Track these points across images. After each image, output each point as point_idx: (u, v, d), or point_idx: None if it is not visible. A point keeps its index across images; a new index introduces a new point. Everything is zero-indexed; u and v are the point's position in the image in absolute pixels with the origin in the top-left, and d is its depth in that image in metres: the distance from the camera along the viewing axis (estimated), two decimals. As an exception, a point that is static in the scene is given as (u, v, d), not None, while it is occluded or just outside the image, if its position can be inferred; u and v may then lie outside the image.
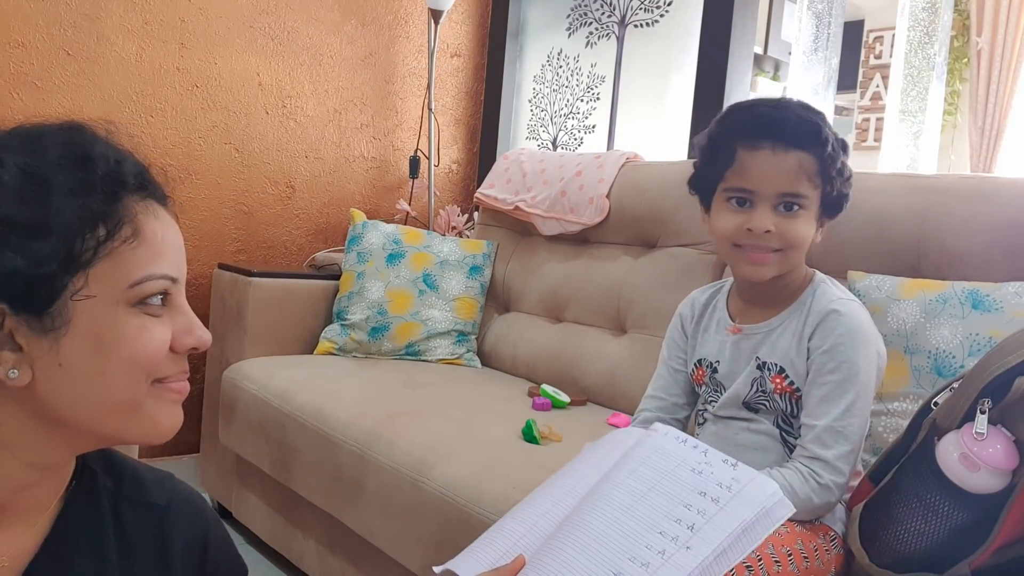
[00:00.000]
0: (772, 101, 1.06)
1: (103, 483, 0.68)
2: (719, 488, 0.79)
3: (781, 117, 1.02)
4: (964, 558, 0.82)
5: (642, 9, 2.45)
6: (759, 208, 1.02)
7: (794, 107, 1.04)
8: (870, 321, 1.05)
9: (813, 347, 1.03)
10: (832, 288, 1.08)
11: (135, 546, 0.68)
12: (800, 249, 1.04)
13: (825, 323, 1.02)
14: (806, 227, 1.03)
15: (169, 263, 0.61)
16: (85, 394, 0.58)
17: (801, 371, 1.04)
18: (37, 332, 0.56)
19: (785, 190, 1.01)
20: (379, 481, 1.42)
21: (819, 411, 0.99)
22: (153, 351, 0.60)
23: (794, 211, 1.02)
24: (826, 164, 1.02)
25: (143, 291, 0.59)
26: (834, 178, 1.03)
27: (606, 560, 0.75)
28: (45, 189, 0.56)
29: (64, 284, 0.56)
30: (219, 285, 2.11)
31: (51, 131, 0.60)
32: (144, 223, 0.60)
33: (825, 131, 1.02)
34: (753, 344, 1.10)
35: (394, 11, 2.67)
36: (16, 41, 2.01)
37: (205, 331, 0.64)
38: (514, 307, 2.22)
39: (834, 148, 1.03)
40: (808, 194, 1.02)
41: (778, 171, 1.01)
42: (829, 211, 1.07)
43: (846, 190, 1.07)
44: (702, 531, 0.76)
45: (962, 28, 3.79)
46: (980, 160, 3.59)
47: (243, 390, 1.83)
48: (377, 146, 2.69)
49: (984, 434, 0.78)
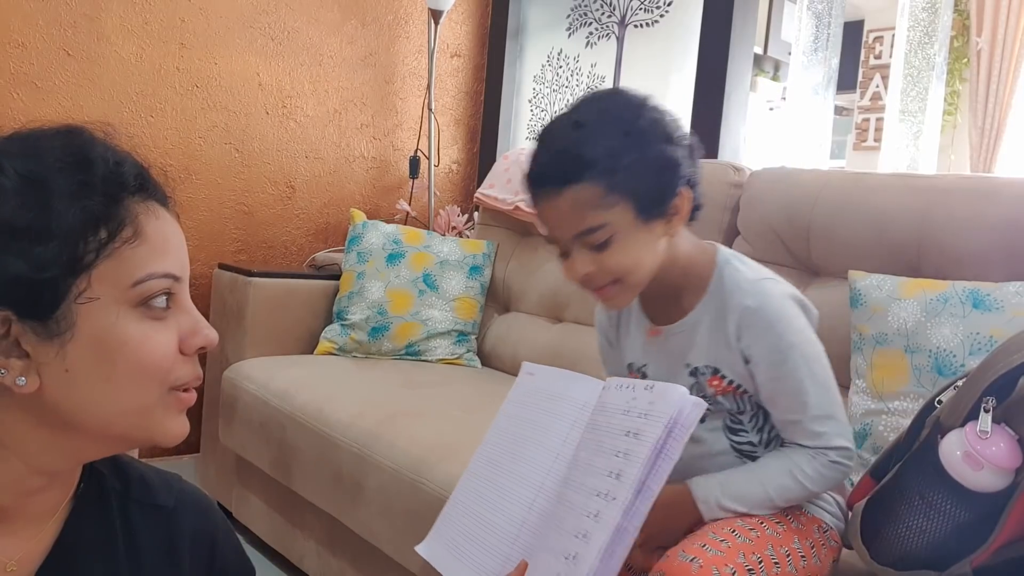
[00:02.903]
0: (544, 135, 0.97)
1: (111, 486, 0.68)
2: (639, 419, 0.77)
3: (543, 161, 0.94)
4: (966, 556, 0.82)
5: (642, 9, 2.45)
6: (572, 253, 0.95)
7: (558, 138, 0.95)
8: (781, 291, 0.98)
9: (746, 352, 0.98)
10: (737, 270, 1.00)
11: (144, 548, 0.68)
12: (639, 269, 0.95)
13: (745, 325, 0.96)
14: (627, 249, 0.93)
15: (171, 262, 0.61)
16: (94, 400, 0.58)
17: (739, 369, 0.99)
18: (43, 338, 0.56)
19: (575, 231, 0.93)
20: (379, 481, 1.42)
21: (793, 406, 0.96)
22: (160, 357, 0.59)
23: (603, 244, 0.92)
24: (604, 177, 0.90)
25: (146, 290, 0.58)
26: (632, 180, 0.91)
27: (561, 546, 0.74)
28: (45, 193, 0.56)
29: (68, 288, 0.55)
30: (219, 285, 2.11)
31: (49, 135, 0.59)
32: (145, 223, 0.59)
33: (589, 150, 0.90)
34: (678, 346, 1.04)
35: (394, 11, 2.67)
36: (16, 41, 2.01)
37: (211, 329, 0.64)
38: (514, 307, 2.22)
39: (617, 153, 0.91)
40: (607, 220, 0.91)
41: (557, 217, 0.93)
42: (654, 207, 0.94)
43: (667, 182, 0.94)
44: (624, 474, 0.73)
45: (962, 28, 3.80)
46: (980, 160, 3.59)
47: (243, 390, 1.82)
48: (377, 146, 2.69)
49: (988, 432, 0.78)
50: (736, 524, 0.93)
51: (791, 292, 1.00)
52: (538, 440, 0.90)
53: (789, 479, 0.95)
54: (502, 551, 0.83)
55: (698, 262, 1.01)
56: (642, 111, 0.95)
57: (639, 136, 0.93)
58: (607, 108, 0.95)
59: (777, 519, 0.97)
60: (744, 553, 0.89)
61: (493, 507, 0.88)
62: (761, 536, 0.93)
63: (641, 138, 0.93)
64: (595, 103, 0.97)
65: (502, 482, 0.90)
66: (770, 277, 1.00)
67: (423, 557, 0.90)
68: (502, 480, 0.90)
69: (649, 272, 0.97)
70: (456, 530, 0.90)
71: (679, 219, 0.97)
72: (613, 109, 0.95)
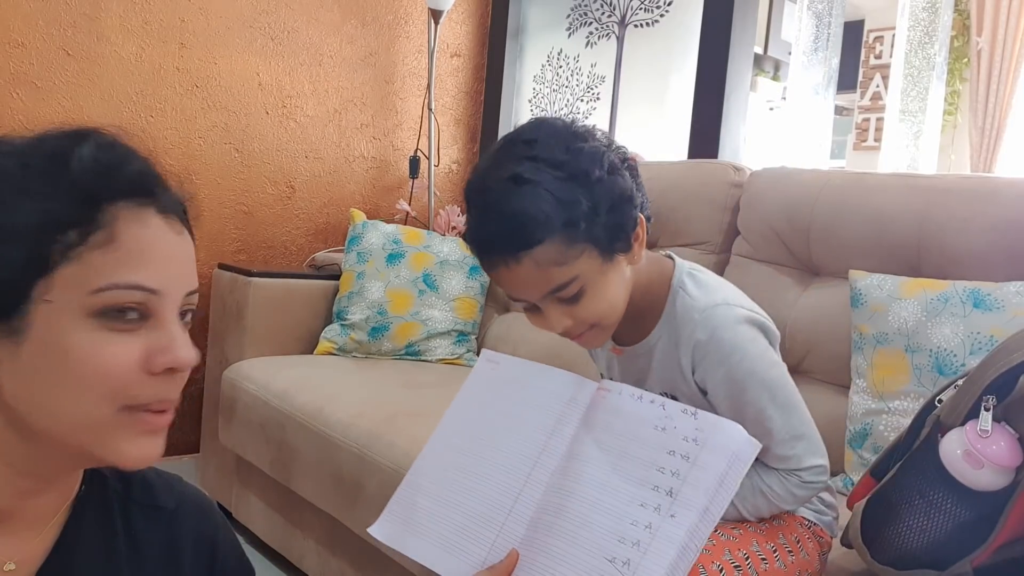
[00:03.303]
0: (480, 199, 0.90)
1: (113, 487, 0.68)
2: (686, 443, 0.78)
3: (491, 230, 0.87)
4: (966, 555, 0.82)
5: (642, 9, 2.45)
6: (544, 310, 0.90)
7: (500, 201, 0.86)
8: (734, 316, 0.94)
9: (703, 385, 0.96)
10: (688, 296, 0.96)
11: (145, 550, 0.67)
12: (615, 309, 0.93)
13: (699, 358, 0.94)
14: (601, 294, 0.90)
15: (149, 274, 0.56)
16: (44, 407, 0.55)
17: (693, 398, 0.97)
18: (2, 335, 0.55)
19: (544, 292, 0.87)
20: (379, 481, 1.42)
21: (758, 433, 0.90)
22: (107, 370, 0.55)
23: (575, 296, 0.88)
24: (563, 230, 0.84)
25: (105, 300, 0.55)
26: (591, 224, 0.85)
27: (597, 546, 0.74)
28: (10, 189, 0.55)
29: (28, 288, 0.54)
30: (219, 285, 2.11)
31: (49, 135, 0.58)
32: (123, 229, 0.56)
33: (541, 208, 0.83)
34: (637, 367, 1.03)
35: (394, 11, 2.67)
36: (16, 41, 2.01)
37: (186, 350, 0.58)
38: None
39: (570, 202, 0.84)
40: (574, 273, 0.86)
41: (522, 283, 0.88)
42: (615, 243, 0.89)
43: (622, 211, 0.89)
44: (681, 494, 0.75)
45: (962, 28, 3.80)
46: (980, 160, 3.59)
47: (243, 390, 1.82)
48: (377, 146, 2.69)
49: (988, 431, 0.78)
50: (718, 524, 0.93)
51: (746, 315, 0.95)
52: (517, 430, 0.89)
53: (761, 499, 0.94)
54: (486, 538, 0.83)
55: (655, 282, 0.98)
56: (576, 144, 0.87)
57: (584, 176, 0.85)
58: (539, 154, 0.86)
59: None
60: (730, 550, 0.89)
61: (469, 493, 0.87)
62: (744, 534, 0.93)
63: (587, 178, 0.85)
64: (522, 148, 0.87)
65: (477, 469, 0.88)
66: (720, 302, 0.95)
67: (376, 538, 0.90)
68: (476, 467, 0.88)
69: (623, 307, 0.94)
70: (419, 512, 0.89)
71: (639, 245, 0.93)
72: (546, 153, 0.86)
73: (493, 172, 0.88)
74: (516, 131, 0.92)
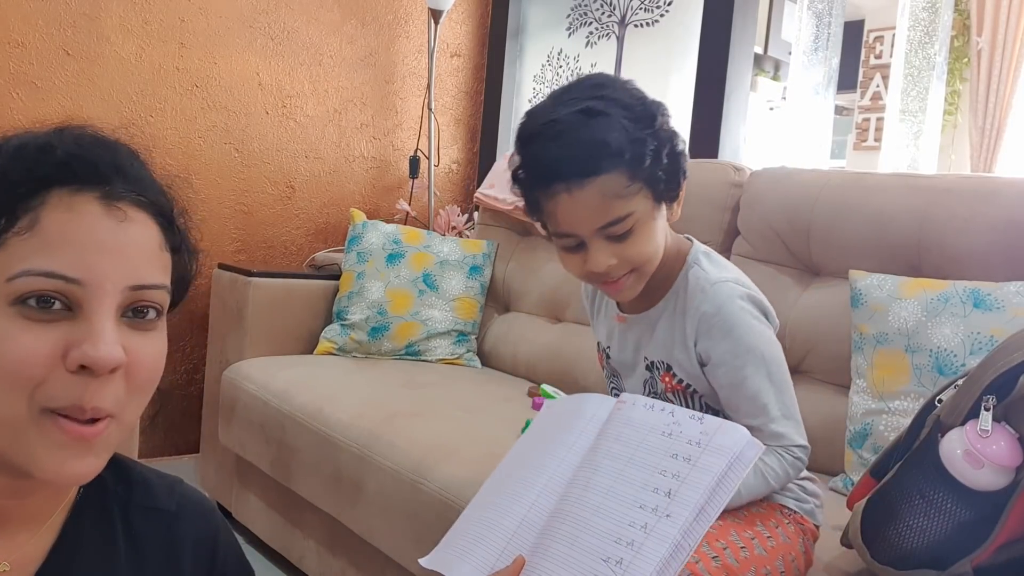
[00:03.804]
0: (550, 128, 0.90)
1: (113, 489, 0.67)
2: (689, 446, 0.79)
3: (560, 154, 0.89)
4: (966, 555, 0.82)
5: (642, 9, 2.45)
6: (590, 247, 0.92)
7: (572, 128, 0.89)
8: (740, 293, 0.98)
9: (704, 355, 0.98)
10: (702, 269, 1.00)
11: (145, 552, 0.67)
12: (656, 256, 0.96)
13: (703, 329, 0.96)
14: (648, 237, 0.93)
15: (70, 261, 0.53)
16: None
17: (689, 369, 1.00)
18: None
19: (600, 223, 0.90)
20: (379, 482, 1.42)
21: (753, 410, 0.96)
22: (18, 359, 0.51)
23: (625, 234, 0.91)
24: (630, 165, 0.89)
25: (19, 287, 0.52)
26: (654, 164, 0.91)
27: (595, 548, 0.74)
28: None
29: None
30: (219, 285, 2.11)
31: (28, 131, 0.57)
32: (46, 214, 0.53)
33: (615, 137, 0.88)
34: (637, 336, 1.05)
35: (394, 11, 2.67)
36: (16, 41, 2.01)
37: (100, 347, 0.52)
38: (514, 307, 2.22)
39: (639, 139, 0.89)
40: (631, 208, 0.90)
41: (582, 210, 0.90)
42: (668, 191, 0.94)
43: (677, 162, 0.94)
44: (679, 495, 0.75)
45: (962, 28, 3.80)
46: (980, 160, 3.59)
47: (243, 390, 1.82)
48: (377, 146, 2.69)
49: (988, 431, 0.78)
50: None
51: (751, 295, 0.99)
52: (544, 449, 0.91)
53: (756, 476, 0.95)
54: (496, 544, 0.84)
55: (672, 255, 1.01)
56: (639, 94, 0.93)
57: (650, 120, 0.91)
58: (608, 94, 0.91)
59: (733, 511, 0.97)
60: (708, 542, 0.89)
61: (495, 508, 0.88)
62: (723, 525, 0.93)
63: (652, 122, 0.91)
64: (591, 89, 0.92)
65: (506, 487, 0.90)
66: (730, 279, 0.99)
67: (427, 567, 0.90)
68: (507, 486, 0.90)
69: (660, 257, 0.97)
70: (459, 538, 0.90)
71: (678, 204, 0.98)
72: (616, 94, 0.91)
73: (562, 107, 0.91)
74: (577, 80, 0.96)
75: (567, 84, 0.96)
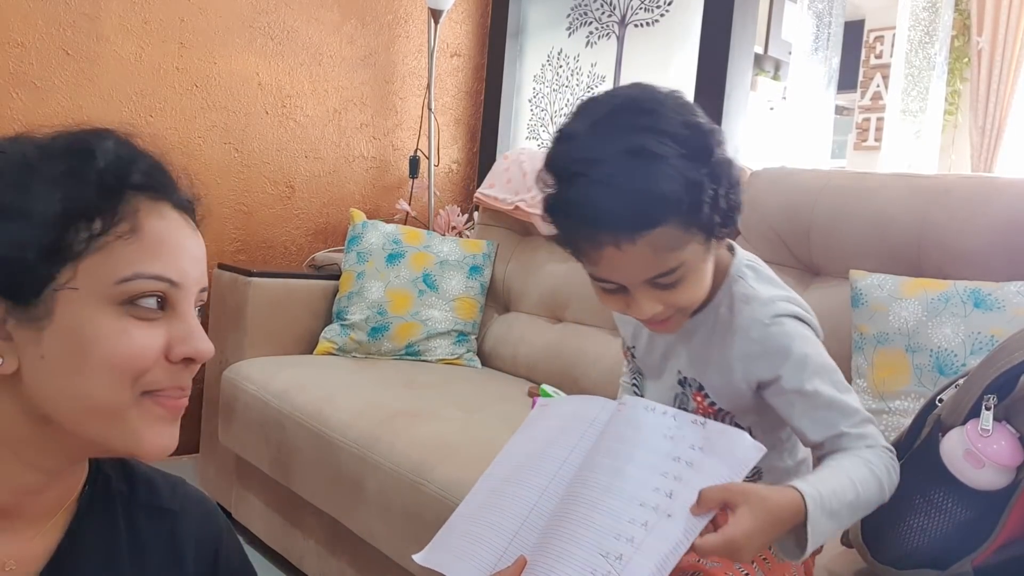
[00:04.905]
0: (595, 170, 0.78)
1: (117, 487, 0.68)
2: (691, 450, 0.78)
3: (609, 206, 0.77)
4: (966, 555, 0.82)
5: (642, 9, 2.45)
6: (635, 295, 0.84)
7: (621, 175, 0.77)
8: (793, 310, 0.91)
9: (762, 379, 0.91)
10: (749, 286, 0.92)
11: (148, 550, 0.67)
12: (703, 295, 0.89)
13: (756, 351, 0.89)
14: (697, 281, 0.86)
15: (169, 266, 0.59)
16: (64, 391, 0.57)
17: (721, 389, 0.94)
18: (23, 321, 0.56)
19: (648, 277, 0.82)
20: (379, 482, 1.42)
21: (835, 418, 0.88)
22: (134, 355, 0.57)
23: (673, 283, 0.83)
24: (686, 215, 0.79)
25: (130, 289, 0.57)
26: (713, 209, 0.81)
27: (594, 543, 0.74)
28: (30, 176, 0.56)
29: (51, 275, 0.55)
30: (219, 285, 2.11)
31: (71, 131, 0.60)
32: (144, 221, 0.58)
33: (671, 188, 0.77)
34: (667, 343, 0.99)
35: (394, 11, 2.67)
36: (16, 41, 2.01)
37: (204, 342, 0.60)
38: (514, 307, 2.22)
39: (697, 184, 0.78)
40: (684, 259, 0.82)
41: (630, 266, 0.81)
42: (724, 228, 0.85)
43: (735, 199, 0.85)
44: (680, 496, 0.75)
45: (962, 28, 3.79)
46: (980, 160, 3.59)
47: (243, 390, 1.82)
48: (377, 146, 2.69)
49: (989, 431, 0.78)
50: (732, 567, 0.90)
51: (801, 314, 0.92)
52: (543, 451, 0.90)
53: (871, 477, 0.83)
54: (498, 545, 0.83)
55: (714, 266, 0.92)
56: (692, 118, 0.82)
57: (706, 154, 0.80)
58: (661, 125, 0.79)
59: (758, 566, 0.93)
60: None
61: (495, 509, 0.88)
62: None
63: (709, 156, 0.80)
64: (641, 117, 0.80)
65: (506, 488, 0.90)
66: (780, 297, 0.92)
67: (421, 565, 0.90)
68: (507, 487, 0.90)
69: (706, 294, 0.89)
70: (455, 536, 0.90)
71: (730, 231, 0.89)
72: (669, 125, 0.79)
73: (606, 141, 0.79)
74: (626, 96, 0.83)
75: (606, 103, 0.83)
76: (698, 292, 0.87)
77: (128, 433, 0.59)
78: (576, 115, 0.84)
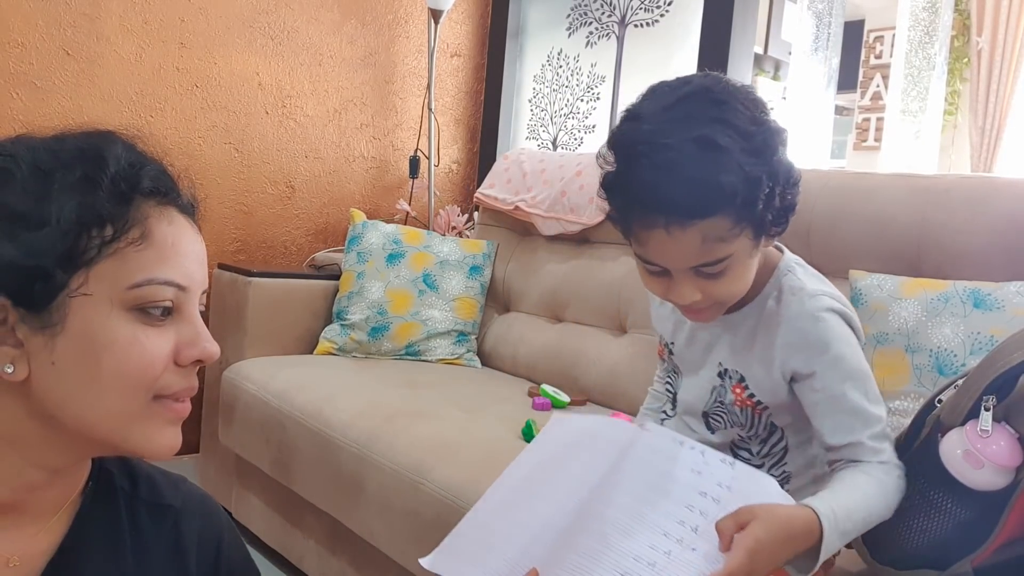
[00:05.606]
0: (659, 154, 0.80)
1: (120, 484, 0.68)
2: (719, 488, 0.78)
3: (667, 190, 0.79)
4: (966, 555, 0.82)
5: (642, 9, 2.45)
6: (677, 279, 0.86)
7: (685, 162, 0.78)
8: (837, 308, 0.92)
9: (797, 370, 0.92)
10: (797, 279, 0.93)
11: (151, 547, 0.68)
12: (743, 292, 0.89)
13: (798, 341, 0.90)
14: (740, 276, 0.87)
15: (178, 270, 0.59)
16: (76, 397, 0.57)
17: (762, 382, 0.94)
18: (35, 328, 0.56)
19: (693, 264, 0.84)
20: (379, 482, 1.42)
21: (853, 424, 0.90)
22: (147, 362, 0.58)
23: (717, 274, 0.85)
24: (739, 208, 0.81)
25: (143, 295, 0.57)
26: (766, 207, 0.83)
27: (613, 563, 0.74)
28: (47, 183, 0.56)
29: (64, 282, 0.55)
30: (219, 285, 2.11)
31: (77, 134, 0.60)
32: (155, 227, 0.59)
33: (729, 179, 0.78)
34: (711, 336, 0.99)
35: (394, 11, 2.67)
36: (16, 41, 2.01)
37: (212, 343, 0.62)
38: (514, 307, 2.22)
39: (757, 180, 0.80)
40: (731, 251, 0.83)
41: (678, 251, 0.83)
42: (775, 227, 0.88)
43: (790, 200, 0.87)
44: (706, 532, 0.75)
45: (962, 28, 3.79)
46: (980, 160, 3.59)
47: (243, 390, 1.82)
48: (377, 146, 2.69)
49: (988, 431, 0.78)
50: None
51: (846, 312, 0.93)
52: (560, 466, 0.89)
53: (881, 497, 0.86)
54: (510, 556, 0.83)
55: (760, 264, 0.93)
56: (760, 114, 0.83)
57: (769, 152, 0.82)
58: (730, 118, 0.80)
59: None
60: None
61: (508, 519, 0.87)
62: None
63: (771, 154, 0.82)
64: (712, 109, 0.81)
65: (520, 499, 0.89)
66: (828, 292, 0.93)
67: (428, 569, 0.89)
68: (520, 498, 0.89)
69: (746, 291, 0.90)
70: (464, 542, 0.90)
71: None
72: (737, 119, 0.80)
73: (677, 127, 0.80)
74: (699, 84, 0.84)
75: (678, 89, 0.84)
76: (739, 286, 0.88)
77: (137, 435, 0.60)
78: (646, 97, 0.86)
